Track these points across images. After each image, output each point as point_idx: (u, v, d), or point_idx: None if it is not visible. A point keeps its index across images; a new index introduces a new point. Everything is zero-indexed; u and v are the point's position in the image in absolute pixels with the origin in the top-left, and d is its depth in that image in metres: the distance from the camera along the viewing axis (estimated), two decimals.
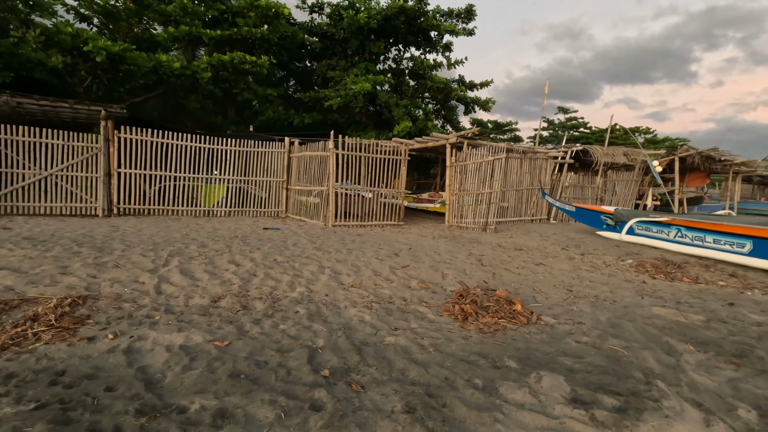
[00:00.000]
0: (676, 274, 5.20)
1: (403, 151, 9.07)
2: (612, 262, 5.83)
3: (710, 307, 3.98)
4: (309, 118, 15.34)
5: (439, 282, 4.42)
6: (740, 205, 20.85)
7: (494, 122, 36.73)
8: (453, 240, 7.15)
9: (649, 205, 14.01)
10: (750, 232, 5.58)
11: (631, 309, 3.79)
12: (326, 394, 2.10)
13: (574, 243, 7.31)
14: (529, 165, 11.16)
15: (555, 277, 4.91)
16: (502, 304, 3.59)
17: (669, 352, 2.88)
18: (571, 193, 12.13)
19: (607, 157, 12.43)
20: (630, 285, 4.72)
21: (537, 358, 2.69)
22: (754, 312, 3.84)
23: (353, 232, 7.67)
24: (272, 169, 10.03)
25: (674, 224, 6.56)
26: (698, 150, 12.88)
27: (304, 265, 4.62)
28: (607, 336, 3.08)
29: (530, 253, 6.28)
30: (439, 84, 15.98)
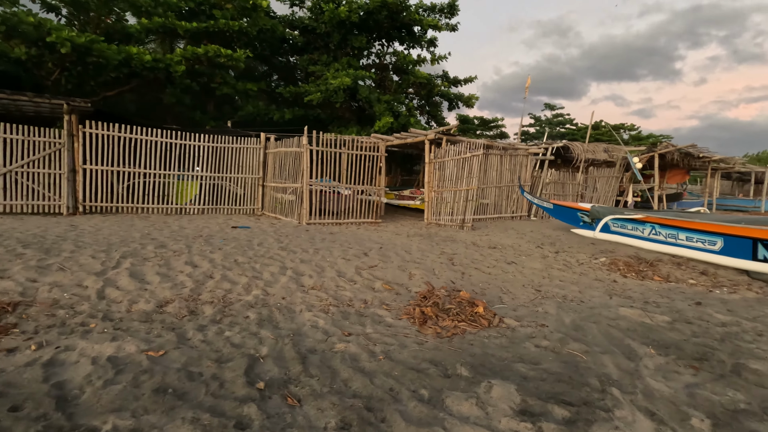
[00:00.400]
0: (647, 273, 5.16)
1: (380, 147, 8.91)
2: (585, 261, 5.77)
3: (677, 307, 3.92)
4: (290, 113, 15.08)
5: (405, 283, 4.29)
6: (719, 201, 21.17)
7: (480, 118, 36.77)
8: (427, 238, 7.03)
9: (629, 202, 14.10)
10: (721, 229, 5.56)
11: (597, 310, 3.71)
12: (256, 410, 1.95)
13: (549, 241, 7.25)
14: (509, 161, 11.09)
15: (525, 277, 4.82)
16: (464, 306, 3.47)
17: (630, 356, 2.79)
18: (551, 190, 12.12)
19: (587, 153, 12.44)
20: (600, 284, 4.65)
21: (492, 365, 2.57)
22: (720, 312, 3.79)
23: (326, 230, 7.50)
24: (247, 166, 9.79)
25: (648, 221, 6.53)
26: (677, 147, 12.98)
27: (265, 266, 4.44)
28: (569, 340, 2.98)
29: (504, 251, 6.19)
30: (421, 79, 15.84)
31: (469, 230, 8.28)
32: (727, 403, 2.25)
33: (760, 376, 2.57)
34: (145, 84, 12.77)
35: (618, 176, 13.87)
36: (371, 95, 14.04)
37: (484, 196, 11.00)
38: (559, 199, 12.48)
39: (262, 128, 14.06)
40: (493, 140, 10.76)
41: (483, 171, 10.60)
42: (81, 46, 9.07)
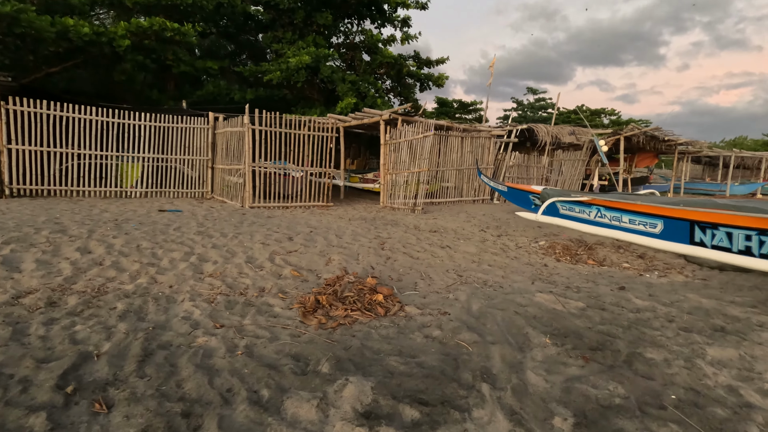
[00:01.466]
0: (582, 257, 5.00)
1: (331, 128, 8.54)
2: (524, 244, 5.60)
3: (599, 292, 3.75)
4: (251, 93, 14.49)
5: (319, 269, 4.02)
6: (687, 185, 21.42)
7: (459, 101, 36.39)
8: (370, 222, 6.76)
9: (595, 186, 14.06)
10: (660, 211, 5.41)
11: (512, 296, 3.50)
12: (43, 421, 1.66)
13: (497, 224, 7.06)
14: (470, 144, 10.84)
15: (454, 261, 4.60)
16: (364, 294, 3.22)
17: (522, 346, 2.59)
18: (515, 173, 11.95)
19: (551, 136, 12.26)
20: (529, 269, 4.47)
21: (362, 359, 2.33)
22: (641, 297, 3.63)
23: (266, 214, 7.16)
24: (194, 147, 9.32)
25: (594, 204, 6.37)
26: (642, 129, 12.90)
27: (168, 252, 4.11)
28: (463, 329, 2.76)
29: (443, 235, 5.97)
30: (389, 59, 15.38)
31: (420, 214, 8.04)
32: (603, 398, 2.05)
33: (651, 366, 2.39)
34: (93, 60, 12.04)
35: (584, 159, 13.77)
36: (335, 75, 13.56)
37: (445, 179, 10.77)
38: (523, 182, 12.33)
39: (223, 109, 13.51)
40: (449, 121, 10.46)
41: (442, 153, 10.34)
42: (6, 15, 8.39)
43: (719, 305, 3.51)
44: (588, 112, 45.78)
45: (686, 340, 2.78)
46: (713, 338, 2.83)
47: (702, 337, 2.82)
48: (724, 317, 3.24)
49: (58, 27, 9.40)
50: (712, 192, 19.91)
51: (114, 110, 8.46)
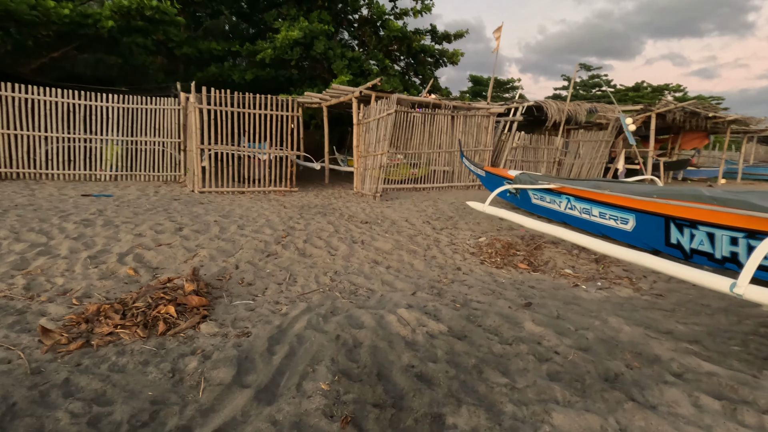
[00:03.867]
0: (516, 258, 4.07)
1: (291, 107, 7.88)
2: (461, 241, 4.72)
3: (489, 310, 2.89)
4: (250, 74, 14.09)
5: (171, 267, 3.47)
6: (748, 169, 18.69)
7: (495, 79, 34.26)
8: (306, 210, 6.11)
9: (620, 170, 12.46)
10: (632, 203, 4.31)
11: (363, 312, 2.75)
12: None
13: (450, 216, 6.13)
14: (463, 123, 9.78)
15: (348, 261, 3.87)
16: (160, 304, 2.61)
17: (282, 393, 1.88)
18: (519, 156, 10.72)
19: (563, 113, 10.83)
20: (434, 273, 3.65)
21: (31, 405, 1.74)
22: (542, 319, 2.74)
23: (204, 199, 6.71)
24: (165, 129, 9.06)
25: (564, 193, 5.30)
26: (676, 104, 11.10)
27: (12, 242, 3.73)
28: (234, 360, 2.09)
29: (374, 227, 5.21)
30: (396, 33, 14.34)
31: (378, 201, 7.26)
32: None
33: None
34: (89, 44, 12.13)
35: (609, 140, 12.17)
36: (330, 51, 12.81)
37: (436, 163, 9.84)
38: (531, 167, 11.08)
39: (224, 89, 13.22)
40: (439, 98, 9.43)
41: (429, 134, 9.40)
42: None
43: (643, 337, 2.55)
44: (649, 89, 41.48)
45: (537, 395, 1.94)
46: (582, 394, 1.96)
47: (567, 392, 1.95)
48: (635, 358, 2.32)
49: (40, 10, 9.40)
50: None
51: (81, 92, 8.34)
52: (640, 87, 41.44)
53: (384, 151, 7.32)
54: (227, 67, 15.01)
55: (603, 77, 43.85)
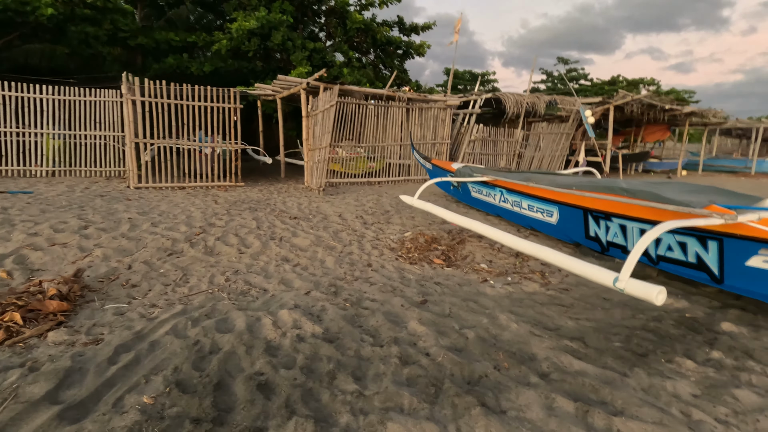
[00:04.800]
0: (434, 253, 3.95)
1: (236, 98, 7.60)
2: (387, 237, 4.58)
3: (382, 308, 2.76)
4: (209, 65, 13.66)
5: (55, 268, 3.23)
6: (709, 161, 19.13)
7: (470, 72, 34.26)
8: (237, 206, 5.88)
9: (581, 162, 12.53)
10: (556, 196, 4.24)
11: (241, 314, 2.58)
12: None
13: (387, 210, 5.97)
14: (419, 116, 9.64)
15: (254, 259, 3.69)
16: (4, 312, 2.40)
17: None
18: (478, 149, 10.64)
19: (521, 106, 10.79)
20: (343, 270, 3.50)
21: None
22: (429, 318, 2.62)
23: (139, 195, 6.42)
24: (109, 122, 8.67)
25: (498, 186, 5.21)
26: (633, 97, 11.18)
27: None
28: (55, 376, 1.90)
29: (302, 222, 5.04)
30: (358, 24, 14.08)
31: (321, 195, 7.08)
32: None
33: None
34: (33, 33, 11.56)
35: (569, 133, 12.20)
36: (288, 43, 12.48)
37: (391, 156, 9.69)
38: (490, 160, 11.03)
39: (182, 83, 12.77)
40: (394, 90, 9.25)
41: (382, 127, 9.24)
42: None
43: (527, 335, 2.46)
44: (625, 83, 41.96)
45: (383, 403, 1.81)
46: (434, 400, 1.84)
47: (417, 398, 1.83)
48: (508, 358, 2.21)
49: None
50: (734, 169, 17.61)
51: (10, 83, 7.89)
52: (616, 81, 41.90)
53: (326, 145, 7.12)
54: (186, 58, 14.52)
55: (580, 71, 44.14)
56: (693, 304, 3.00)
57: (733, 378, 2.13)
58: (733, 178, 14.71)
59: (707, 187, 3.65)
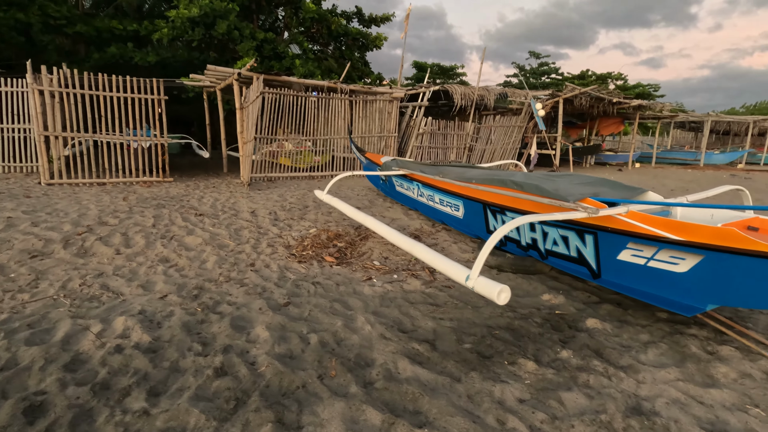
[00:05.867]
0: (327, 251, 3.78)
1: (160, 89, 7.22)
2: (290, 234, 4.39)
3: (238, 313, 2.57)
4: (154, 55, 13.07)
5: None
6: (663, 154, 19.65)
7: (437, 65, 34.16)
8: (147, 201, 5.59)
9: (532, 155, 12.59)
10: (461, 190, 4.13)
11: (65, 324, 2.35)
12: None
13: (306, 205, 5.76)
14: (364, 108, 9.44)
15: (129, 260, 3.44)
16: None
17: None
18: (427, 142, 10.53)
19: (468, 99, 10.72)
20: (220, 271, 3.29)
21: None
22: (278, 325, 2.45)
23: (44, 192, 6.02)
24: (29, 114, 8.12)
25: (415, 180, 5.08)
26: (581, 90, 11.27)
27: None
28: None
29: (206, 220, 4.79)
30: (311, 14, 13.72)
31: (248, 189, 6.82)
32: None
33: None
34: None
35: (521, 126, 12.23)
36: (235, 32, 12.04)
37: (334, 150, 9.47)
38: (440, 153, 10.95)
39: (127, 74, 12.16)
40: (335, 82, 9.00)
41: (324, 120, 9.00)
42: None
43: (376, 339, 2.32)
44: (594, 77, 42.67)
45: (165, 423, 1.62)
46: (227, 418, 1.67)
47: (207, 416, 1.66)
48: (341, 365, 2.06)
49: None
50: (685, 161, 18.14)
51: None
52: (585, 75, 42.51)
53: (252, 138, 6.84)
54: (131, 48, 13.85)
55: (551, 65, 44.66)
56: (570, 301, 2.93)
57: (570, 379, 2.04)
58: (681, 170, 15.11)
59: (600, 179, 3.60)
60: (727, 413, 1.85)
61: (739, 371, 2.16)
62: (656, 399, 1.92)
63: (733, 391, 2.00)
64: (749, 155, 20.52)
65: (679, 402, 1.91)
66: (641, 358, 2.25)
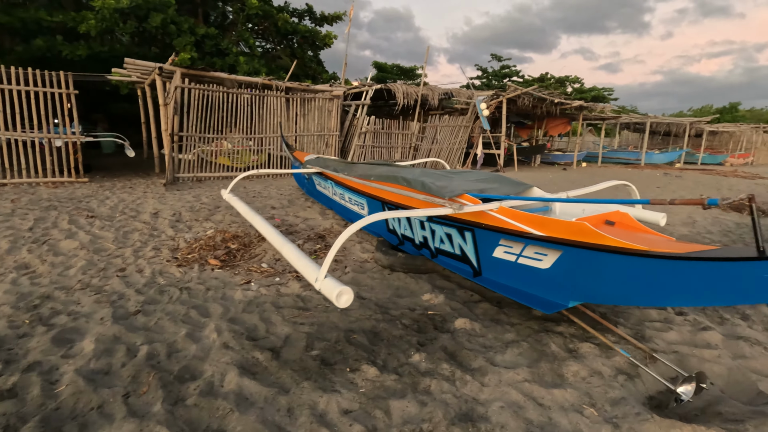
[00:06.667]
0: (213, 253, 3.55)
1: (67, 82, 6.70)
2: (184, 236, 4.12)
3: (72, 325, 2.30)
4: (84, 48, 12.28)
5: None
6: (609, 153, 20.41)
7: (397, 66, 34.23)
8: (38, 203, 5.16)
9: (479, 154, 12.72)
10: (363, 188, 3.98)
11: None
12: None
13: (217, 206, 5.49)
14: (302, 106, 9.19)
15: None
16: None
17: None
18: (370, 141, 10.39)
19: (409, 97, 10.67)
20: (81, 278, 2.99)
21: None
22: (110, 337, 2.20)
23: None
24: None
25: (330, 178, 4.91)
26: (523, 90, 11.46)
27: None
28: None
29: (96, 222, 4.44)
30: (255, 10, 13.32)
31: (164, 189, 6.45)
32: None
33: None
34: None
35: (467, 125, 12.32)
36: (171, 27, 11.51)
37: (271, 149, 9.17)
38: (384, 153, 10.84)
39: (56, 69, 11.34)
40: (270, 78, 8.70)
41: (258, 117, 8.70)
42: None
43: (216, 349, 2.12)
44: (552, 80, 43.95)
45: None
46: None
47: None
48: (159, 378, 1.85)
49: None
50: (628, 161, 18.92)
51: None
52: (545, 78, 43.67)
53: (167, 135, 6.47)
54: (60, 41, 12.98)
55: (513, 68, 45.66)
56: (450, 300, 2.83)
57: (409, 386, 1.91)
58: (622, 169, 15.70)
59: (497, 176, 3.53)
60: (561, 415, 1.78)
61: (591, 369, 2.11)
62: (492, 403, 1.82)
63: (576, 391, 1.93)
64: (689, 155, 21.67)
65: (517, 405, 1.83)
66: (496, 359, 2.16)
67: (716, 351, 2.34)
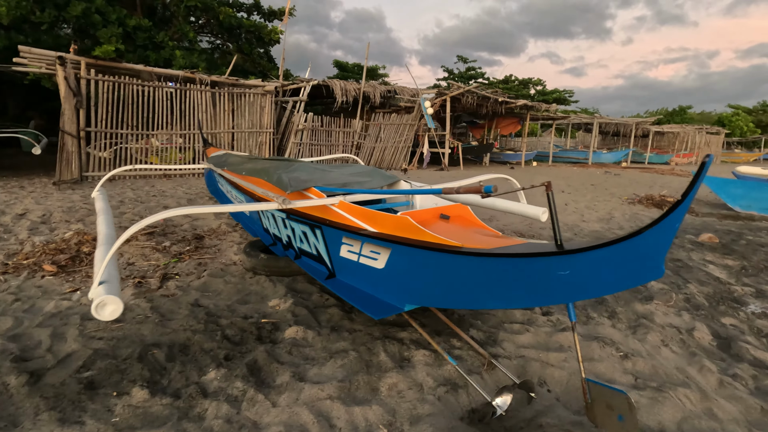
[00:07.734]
0: (54, 259, 3.15)
1: None
2: (41, 237, 3.68)
3: None
4: (4, 39, 11.32)
5: None
6: (559, 153, 20.82)
7: (357, 65, 33.93)
8: None
9: (425, 153, 12.59)
10: (243, 186, 3.67)
11: None
12: None
13: (132, 206, 5.07)
14: (229, 101, 8.76)
15: None
16: None
17: None
18: (308, 139, 10.05)
19: (348, 94, 10.41)
20: None
21: None
22: None
23: None
24: None
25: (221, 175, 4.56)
26: (465, 88, 11.41)
27: None
28: None
29: None
30: (193, 2, 12.71)
31: (54, 188, 5.93)
32: None
33: None
34: None
35: (413, 124, 12.16)
36: (95, 16, 10.79)
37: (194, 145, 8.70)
38: (322, 151, 10.53)
39: None
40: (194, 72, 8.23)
41: (182, 113, 8.22)
42: None
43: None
44: (516, 82, 44.67)
45: None
46: None
47: None
48: None
49: None
50: (578, 160, 19.36)
51: None
52: (509, 80, 44.32)
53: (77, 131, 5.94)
54: None
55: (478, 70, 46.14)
56: (297, 306, 2.56)
57: (179, 411, 1.62)
58: (569, 168, 15.99)
59: (371, 170, 3.29)
60: None
61: (413, 381, 1.88)
62: (270, 428, 1.55)
63: (382, 407, 1.70)
64: (637, 154, 22.45)
65: (301, 428, 1.57)
66: (308, 374, 1.90)
67: (563, 354, 2.18)
